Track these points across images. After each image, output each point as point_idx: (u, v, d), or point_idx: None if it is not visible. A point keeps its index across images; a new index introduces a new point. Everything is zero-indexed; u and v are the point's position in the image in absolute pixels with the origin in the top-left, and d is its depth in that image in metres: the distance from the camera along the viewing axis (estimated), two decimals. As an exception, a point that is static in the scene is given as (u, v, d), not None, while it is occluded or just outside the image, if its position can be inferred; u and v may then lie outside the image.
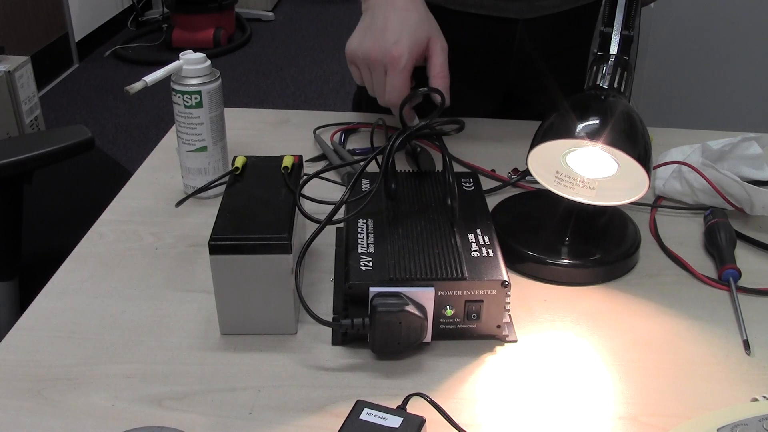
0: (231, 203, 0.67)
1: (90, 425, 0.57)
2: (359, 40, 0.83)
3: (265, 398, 0.60)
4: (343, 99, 3.21)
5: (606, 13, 0.72)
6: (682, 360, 0.65)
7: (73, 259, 0.77)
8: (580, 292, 0.73)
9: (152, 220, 0.83)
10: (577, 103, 0.70)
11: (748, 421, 0.53)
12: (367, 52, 0.82)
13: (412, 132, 0.73)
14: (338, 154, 0.95)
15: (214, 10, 3.65)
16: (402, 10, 0.82)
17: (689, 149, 0.90)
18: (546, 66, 1.01)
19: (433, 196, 0.74)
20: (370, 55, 0.81)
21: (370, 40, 0.82)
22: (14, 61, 2.12)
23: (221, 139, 0.86)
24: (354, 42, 0.84)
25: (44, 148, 1.09)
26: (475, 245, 0.67)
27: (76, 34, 3.48)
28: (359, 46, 0.83)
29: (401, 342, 0.62)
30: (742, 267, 0.74)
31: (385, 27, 0.81)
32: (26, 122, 2.15)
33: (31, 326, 0.67)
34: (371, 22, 0.83)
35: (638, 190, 0.69)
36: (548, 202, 0.78)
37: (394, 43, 0.80)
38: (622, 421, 0.59)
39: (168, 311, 0.69)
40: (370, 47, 0.82)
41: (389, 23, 0.81)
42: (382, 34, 0.81)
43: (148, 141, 2.80)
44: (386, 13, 0.82)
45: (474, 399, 0.60)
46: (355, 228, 0.69)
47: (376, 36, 0.81)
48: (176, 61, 0.81)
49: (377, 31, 0.81)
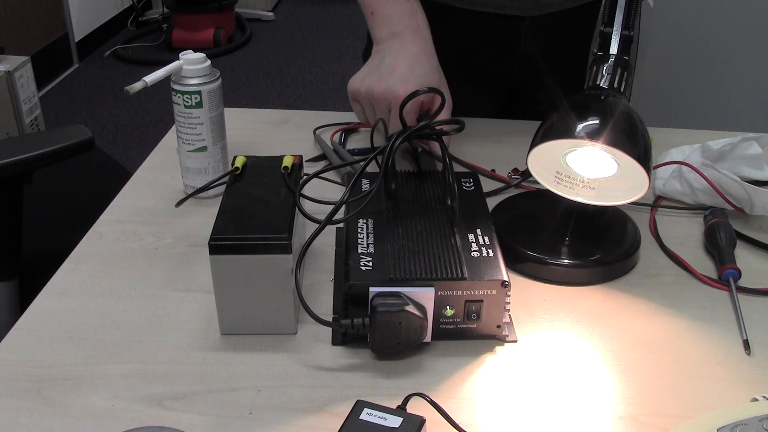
0: (231, 203, 0.67)
1: (90, 425, 0.57)
2: (363, 77, 0.84)
3: (265, 398, 0.60)
4: (343, 99, 3.21)
5: (606, 13, 0.72)
6: (682, 360, 0.65)
7: (73, 259, 0.77)
8: (580, 292, 0.73)
9: (152, 220, 0.83)
10: (577, 103, 0.70)
11: (748, 421, 0.53)
12: (371, 88, 0.82)
13: (412, 132, 0.73)
14: (338, 154, 0.95)
15: (214, 10, 3.65)
16: (414, 56, 0.82)
17: (689, 149, 0.90)
18: (547, 65, 1.01)
19: (433, 196, 0.74)
20: (374, 91, 0.81)
21: (375, 77, 0.82)
22: (14, 61, 2.12)
23: (221, 139, 0.86)
24: (357, 79, 0.84)
25: (44, 148, 1.09)
26: (475, 245, 0.67)
27: (76, 34, 3.48)
28: (362, 83, 0.83)
29: (401, 342, 0.62)
30: (742, 267, 0.74)
31: (394, 68, 0.81)
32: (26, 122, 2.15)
33: (31, 326, 0.67)
34: (380, 63, 0.83)
35: (638, 190, 0.69)
36: (548, 202, 0.78)
37: (402, 82, 0.80)
38: (622, 421, 0.59)
39: (168, 311, 0.69)
40: (373, 84, 0.82)
41: (399, 66, 0.81)
42: (390, 73, 0.81)
43: (148, 141, 2.80)
44: (397, 57, 0.82)
45: (474, 399, 0.60)
46: (355, 228, 0.69)
47: (383, 75, 0.81)
48: (176, 61, 0.81)
49: (384, 71, 0.81)
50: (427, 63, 0.82)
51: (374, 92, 0.81)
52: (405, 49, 0.82)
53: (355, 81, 0.84)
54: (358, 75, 0.85)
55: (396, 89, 0.80)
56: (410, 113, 0.80)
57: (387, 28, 0.85)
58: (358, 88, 0.84)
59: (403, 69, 0.81)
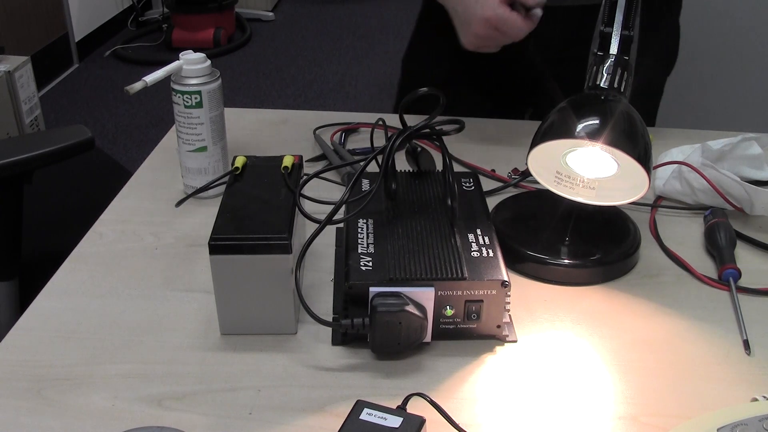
0: (231, 203, 0.67)
1: (90, 425, 0.57)
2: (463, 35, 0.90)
3: (265, 398, 0.60)
4: (343, 99, 3.21)
5: (606, 13, 0.72)
6: (682, 360, 0.65)
7: (73, 259, 0.77)
8: (580, 292, 0.73)
9: (152, 220, 0.83)
10: (577, 103, 0.70)
11: (748, 421, 0.53)
12: (476, 34, 0.87)
13: (412, 132, 0.73)
14: (338, 154, 0.95)
15: (214, 10, 3.65)
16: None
17: (689, 149, 0.90)
18: (549, 72, 1.01)
19: (433, 196, 0.74)
20: (479, 35, 0.87)
21: (465, 29, 0.89)
22: (14, 61, 2.12)
23: (221, 139, 0.86)
24: (464, 39, 0.90)
25: (44, 148, 1.09)
26: (475, 245, 0.67)
27: (76, 34, 3.48)
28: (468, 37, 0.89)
29: (401, 342, 0.62)
30: (742, 267, 0.74)
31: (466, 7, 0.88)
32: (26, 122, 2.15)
33: (31, 326, 0.67)
34: (454, 16, 0.91)
35: (638, 190, 0.69)
36: (548, 202, 0.78)
37: (482, 7, 0.85)
38: (622, 421, 0.59)
39: (168, 311, 0.69)
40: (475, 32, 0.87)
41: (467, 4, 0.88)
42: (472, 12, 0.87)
43: (148, 141, 2.80)
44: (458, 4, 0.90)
45: (474, 399, 0.60)
46: (355, 228, 0.69)
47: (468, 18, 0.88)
48: (176, 61, 0.81)
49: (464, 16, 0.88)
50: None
51: (480, 36, 0.87)
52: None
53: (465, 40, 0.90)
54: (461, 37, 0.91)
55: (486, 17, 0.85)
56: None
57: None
58: (472, 41, 0.89)
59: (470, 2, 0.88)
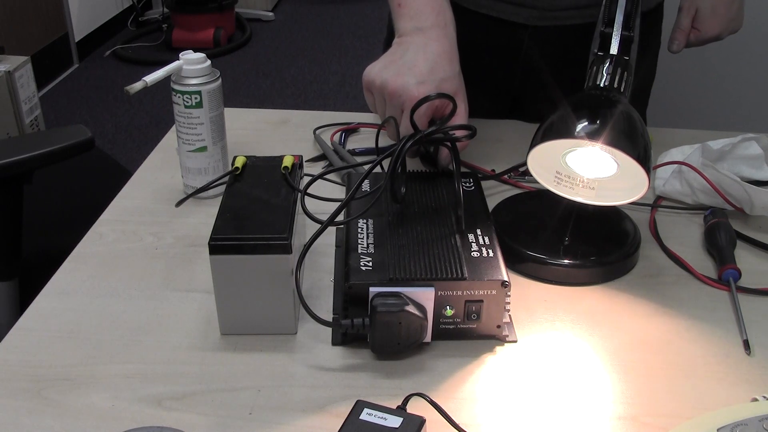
0: (231, 203, 0.67)
1: (90, 425, 0.57)
2: (380, 68, 0.80)
3: (265, 398, 0.60)
4: (343, 99, 3.21)
5: (606, 13, 0.72)
6: (682, 360, 0.65)
7: (73, 259, 0.77)
8: (580, 292, 0.73)
9: (152, 220, 0.83)
10: (577, 103, 0.70)
11: (748, 421, 0.53)
12: (386, 82, 0.78)
13: (422, 136, 0.72)
14: (338, 154, 0.95)
15: (214, 10, 3.65)
16: (436, 57, 0.78)
17: (689, 149, 0.90)
18: (551, 79, 1.01)
19: (433, 196, 0.74)
20: (389, 86, 0.78)
21: (392, 71, 0.78)
22: (14, 61, 2.12)
23: (221, 139, 0.86)
24: (375, 69, 0.80)
25: (44, 148, 1.09)
26: (475, 245, 0.67)
27: (76, 34, 3.48)
28: (378, 75, 0.79)
29: (401, 342, 0.62)
30: (742, 267, 0.74)
31: (413, 66, 0.77)
32: (26, 122, 2.14)
33: (31, 326, 0.67)
34: (400, 56, 0.79)
35: (638, 190, 0.69)
36: (548, 202, 0.78)
37: (418, 84, 0.76)
38: (622, 421, 0.59)
39: (168, 311, 0.69)
40: (389, 78, 0.78)
41: (418, 65, 0.77)
42: (409, 70, 0.77)
43: (148, 141, 2.80)
44: (418, 53, 0.78)
45: (474, 399, 0.60)
46: (356, 228, 0.69)
47: (400, 70, 0.78)
48: (176, 61, 0.81)
49: (403, 67, 0.78)
50: (448, 66, 0.79)
51: (388, 88, 0.78)
52: (428, 47, 0.79)
53: (372, 71, 0.81)
54: (375, 65, 0.81)
55: (411, 90, 0.76)
56: (422, 117, 0.77)
57: (413, 22, 0.81)
58: (374, 79, 0.80)
59: (423, 69, 0.77)
